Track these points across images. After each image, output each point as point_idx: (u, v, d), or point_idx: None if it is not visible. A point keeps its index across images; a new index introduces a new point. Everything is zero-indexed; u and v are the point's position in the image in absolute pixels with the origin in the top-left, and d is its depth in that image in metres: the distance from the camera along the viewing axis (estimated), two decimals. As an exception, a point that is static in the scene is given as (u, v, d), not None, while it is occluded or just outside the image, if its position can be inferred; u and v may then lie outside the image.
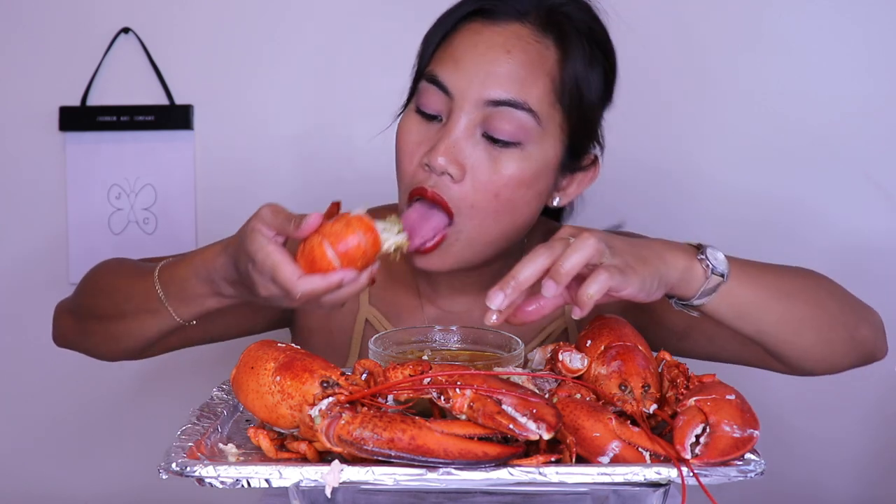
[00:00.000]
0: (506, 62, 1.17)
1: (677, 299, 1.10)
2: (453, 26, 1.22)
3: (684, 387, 0.99)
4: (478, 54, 1.18)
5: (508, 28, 1.19)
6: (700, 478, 0.86)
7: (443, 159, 1.15)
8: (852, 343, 1.21)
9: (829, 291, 1.22)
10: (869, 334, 1.24)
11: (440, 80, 1.18)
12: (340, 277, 1.02)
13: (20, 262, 1.97)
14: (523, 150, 1.17)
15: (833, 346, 1.19)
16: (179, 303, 1.17)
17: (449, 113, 1.18)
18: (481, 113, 1.16)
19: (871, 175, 1.88)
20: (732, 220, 1.89)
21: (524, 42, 1.18)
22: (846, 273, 1.87)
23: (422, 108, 1.20)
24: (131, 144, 1.94)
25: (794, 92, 1.88)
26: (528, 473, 0.84)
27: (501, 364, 1.07)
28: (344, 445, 0.85)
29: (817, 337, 1.17)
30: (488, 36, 1.19)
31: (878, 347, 1.26)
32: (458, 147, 1.16)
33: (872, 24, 1.87)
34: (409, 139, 1.20)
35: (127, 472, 1.97)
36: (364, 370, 0.95)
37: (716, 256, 1.08)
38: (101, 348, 1.32)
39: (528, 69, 1.17)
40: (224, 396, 1.09)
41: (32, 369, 1.97)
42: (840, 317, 1.20)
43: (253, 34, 1.93)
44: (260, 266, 1.03)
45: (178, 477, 0.87)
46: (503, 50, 1.17)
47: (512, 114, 1.16)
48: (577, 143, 1.23)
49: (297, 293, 1.02)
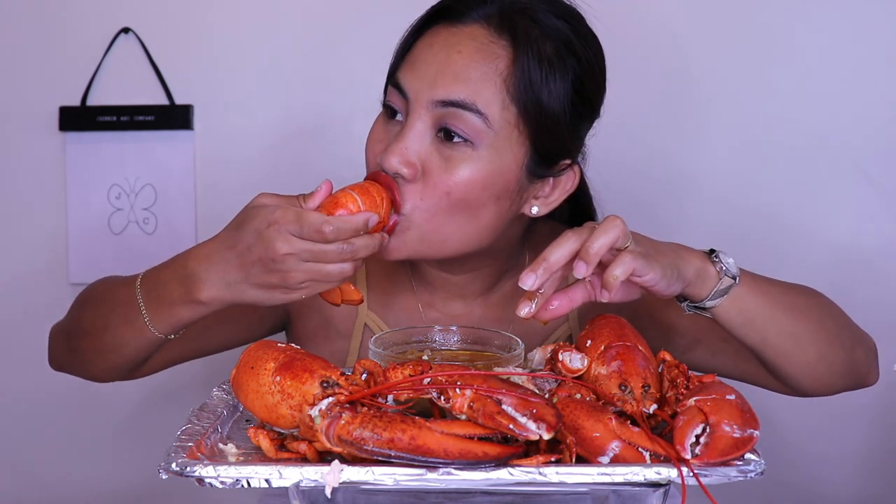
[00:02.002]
0: (456, 62, 1.15)
1: (689, 302, 1.11)
2: (419, 30, 1.22)
3: (684, 387, 0.99)
4: (431, 55, 1.17)
5: (466, 29, 1.18)
6: (700, 478, 0.86)
7: (395, 160, 1.15)
8: (849, 364, 1.21)
9: (830, 311, 1.23)
10: (863, 358, 1.24)
11: (399, 81, 1.19)
12: (366, 217, 1.07)
13: (20, 262, 1.97)
14: (475, 151, 1.15)
15: (832, 366, 1.19)
16: (155, 311, 1.15)
17: (406, 114, 1.18)
18: (433, 114, 1.16)
19: (870, 177, 1.88)
20: (731, 221, 1.89)
21: (478, 42, 1.16)
22: (845, 275, 1.89)
23: (387, 105, 1.22)
24: (131, 144, 1.93)
25: (791, 94, 1.88)
26: (528, 473, 0.85)
27: (501, 364, 1.07)
28: (344, 445, 0.85)
29: (818, 353, 1.17)
30: (444, 37, 1.18)
31: (871, 373, 1.27)
32: (411, 148, 1.16)
33: (871, 25, 1.87)
34: (373, 137, 1.23)
35: (127, 472, 1.97)
36: (364, 370, 0.95)
37: (727, 260, 1.10)
38: (89, 367, 1.29)
39: (477, 69, 1.15)
40: (224, 396, 1.10)
41: (32, 369, 1.96)
42: (839, 337, 1.20)
43: (253, 34, 1.93)
44: (281, 219, 1.05)
45: (178, 477, 0.87)
46: (454, 50, 1.16)
47: (461, 115, 1.14)
48: (543, 149, 1.19)
49: (329, 227, 1.04)
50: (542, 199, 1.23)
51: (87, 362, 1.29)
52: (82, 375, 1.32)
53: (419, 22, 1.23)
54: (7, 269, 1.97)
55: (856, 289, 1.88)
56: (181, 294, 1.12)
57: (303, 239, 1.05)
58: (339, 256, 1.06)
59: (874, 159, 1.88)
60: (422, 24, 1.22)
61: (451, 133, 1.15)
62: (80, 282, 1.95)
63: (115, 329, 1.20)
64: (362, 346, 1.35)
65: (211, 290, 1.10)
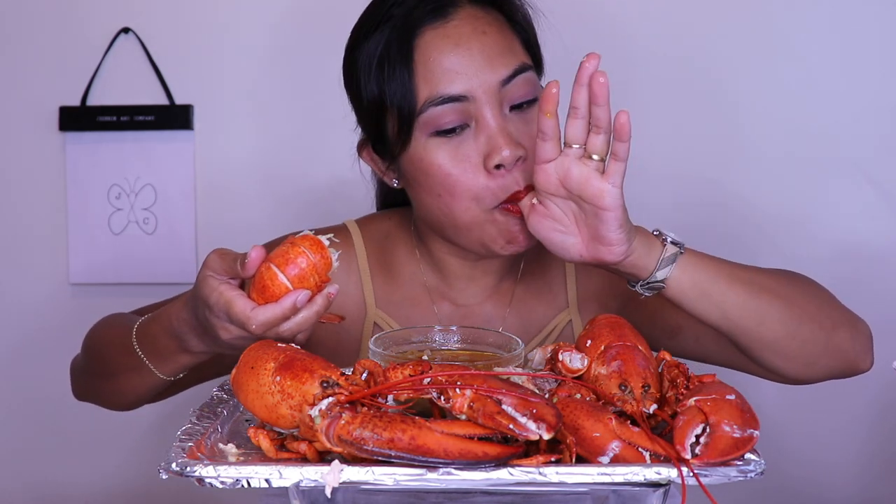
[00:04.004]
0: (490, 42, 1.20)
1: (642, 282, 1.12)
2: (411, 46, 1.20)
3: (684, 387, 0.99)
4: (464, 49, 1.19)
5: (460, 16, 1.21)
6: (700, 478, 0.86)
7: (508, 150, 1.17)
8: (827, 345, 1.19)
9: (806, 291, 1.22)
10: (847, 340, 1.21)
11: (449, 93, 1.17)
12: (293, 300, 1.03)
13: (20, 261, 1.97)
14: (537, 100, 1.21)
15: (805, 345, 1.18)
16: (157, 360, 1.19)
17: (475, 114, 1.18)
18: (499, 95, 1.19)
19: (870, 176, 1.88)
20: (731, 222, 1.89)
21: (483, 20, 1.22)
22: (845, 275, 1.89)
23: (442, 129, 1.18)
24: (131, 144, 1.94)
25: (792, 94, 1.88)
26: (528, 473, 0.84)
27: (501, 364, 1.07)
28: (344, 445, 0.85)
29: (786, 331, 1.16)
30: (455, 32, 1.20)
31: (861, 358, 1.24)
32: (506, 131, 1.18)
33: (872, 25, 1.87)
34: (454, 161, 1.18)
35: (127, 472, 1.97)
36: (364, 370, 0.95)
37: (669, 233, 1.12)
38: (110, 403, 1.35)
39: (503, 39, 1.22)
40: (224, 396, 1.10)
41: (32, 369, 1.97)
42: (816, 316, 1.19)
43: (253, 34, 1.93)
44: (215, 308, 1.04)
45: (178, 477, 0.87)
46: (478, 33, 1.20)
47: (522, 78, 1.20)
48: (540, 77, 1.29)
49: (253, 325, 1.02)
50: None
51: (106, 401, 1.35)
52: (106, 405, 1.37)
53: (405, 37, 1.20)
54: (7, 268, 1.97)
55: (856, 288, 1.88)
56: (175, 346, 1.16)
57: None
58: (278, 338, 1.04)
59: (874, 159, 1.88)
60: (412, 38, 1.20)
61: (521, 103, 1.20)
62: (80, 282, 1.95)
63: (124, 375, 1.24)
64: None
65: (198, 346, 1.14)
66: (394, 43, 1.20)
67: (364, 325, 1.36)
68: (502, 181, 1.18)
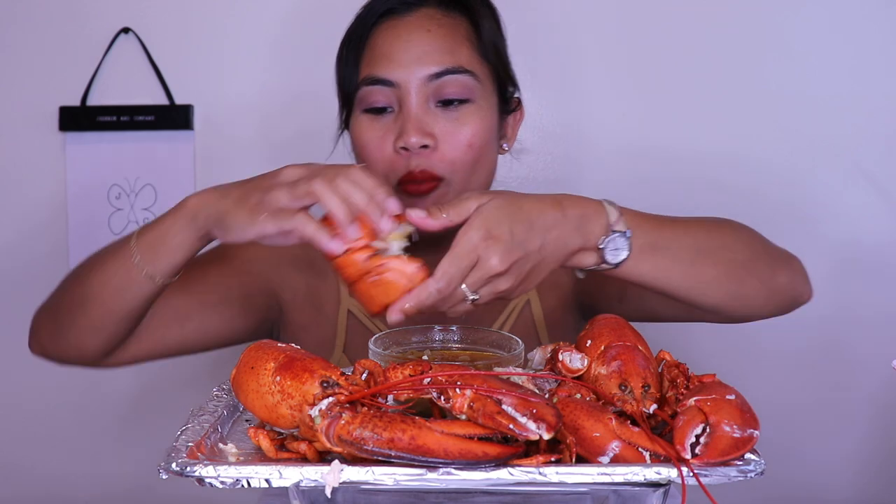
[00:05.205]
0: (430, 39, 1.31)
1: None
2: (367, 35, 1.34)
3: (684, 387, 0.99)
4: (403, 42, 1.31)
5: (418, 14, 1.33)
6: (700, 478, 0.86)
7: (415, 137, 1.27)
8: (768, 293, 1.24)
9: (744, 243, 1.24)
10: (786, 281, 1.26)
11: (380, 76, 1.30)
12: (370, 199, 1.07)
13: (20, 261, 1.97)
14: (475, 104, 1.32)
15: (747, 300, 1.22)
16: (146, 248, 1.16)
17: (399, 100, 1.30)
18: (427, 89, 1.29)
19: (870, 176, 1.88)
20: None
21: (437, 21, 1.33)
22: (845, 275, 1.89)
23: (371, 107, 1.32)
24: (131, 144, 1.94)
25: (792, 94, 1.88)
26: (528, 473, 0.85)
27: (501, 364, 1.07)
28: (344, 445, 0.85)
29: (728, 294, 1.20)
30: (404, 26, 1.32)
31: (800, 292, 1.29)
32: (423, 121, 1.29)
33: (872, 25, 1.87)
34: (370, 135, 1.32)
35: (127, 472, 1.97)
36: (364, 370, 0.95)
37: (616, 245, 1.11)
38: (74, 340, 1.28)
39: (450, 40, 1.32)
40: (224, 396, 1.10)
41: (32, 369, 1.96)
42: (754, 269, 1.22)
43: (254, 34, 1.93)
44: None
45: (178, 477, 0.87)
46: (423, 30, 1.31)
47: (455, 79, 1.30)
48: (504, 91, 1.38)
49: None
50: (506, 136, 1.41)
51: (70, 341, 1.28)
52: (65, 356, 1.31)
53: (362, 30, 1.35)
54: (7, 268, 1.97)
55: (855, 287, 1.88)
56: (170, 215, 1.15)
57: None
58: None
59: (874, 159, 1.88)
60: (370, 26, 1.34)
61: (451, 100, 1.30)
62: (80, 282, 1.95)
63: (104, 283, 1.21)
64: (347, 331, 1.42)
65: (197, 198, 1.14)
66: (356, 32, 1.36)
67: (339, 313, 1.43)
68: (404, 161, 1.29)
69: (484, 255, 1.02)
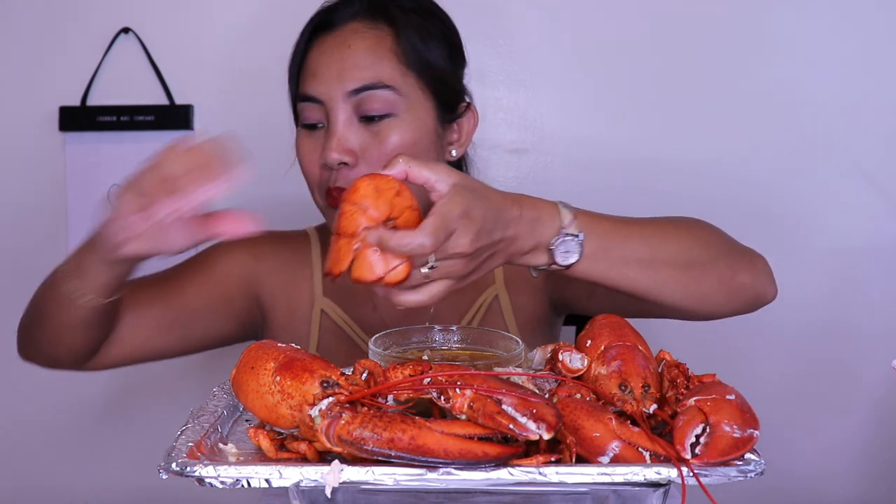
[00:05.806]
0: (350, 55, 1.32)
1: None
2: (303, 51, 1.37)
3: (684, 387, 0.99)
4: (326, 59, 1.33)
5: (345, 29, 1.35)
6: (700, 478, 0.86)
7: (334, 154, 1.30)
8: (729, 292, 1.24)
9: (702, 244, 1.24)
10: (748, 281, 1.26)
11: (308, 93, 1.34)
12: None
13: (20, 262, 1.97)
14: (396, 118, 1.32)
15: (706, 299, 1.22)
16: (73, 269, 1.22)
17: (326, 117, 1.33)
18: (349, 104, 1.31)
19: (870, 175, 1.88)
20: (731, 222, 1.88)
21: (360, 35, 1.34)
22: (845, 275, 1.89)
23: (305, 122, 1.36)
24: (131, 144, 1.94)
25: (792, 93, 1.88)
26: (528, 473, 0.84)
27: (501, 364, 1.07)
28: (344, 445, 0.85)
29: (684, 293, 1.19)
30: (330, 42, 1.34)
31: (764, 291, 1.28)
32: (344, 138, 1.31)
33: (872, 24, 1.87)
34: (304, 150, 1.36)
35: (127, 472, 1.97)
36: (364, 370, 0.95)
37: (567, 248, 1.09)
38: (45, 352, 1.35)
39: (371, 55, 1.32)
40: (224, 396, 1.10)
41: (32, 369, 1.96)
42: (714, 270, 1.22)
43: (253, 34, 1.93)
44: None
45: (178, 477, 0.87)
46: (345, 46, 1.33)
47: (374, 95, 1.31)
48: (444, 98, 1.37)
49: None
50: (455, 143, 1.41)
51: (42, 349, 1.35)
52: (45, 362, 1.38)
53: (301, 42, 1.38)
54: (7, 269, 1.97)
55: (855, 288, 1.88)
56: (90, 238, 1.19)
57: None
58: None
59: (874, 159, 1.89)
60: (305, 43, 1.37)
61: (371, 115, 1.31)
62: (80, 282, 1.95)
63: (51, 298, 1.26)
64: (321, 329, 1.46)
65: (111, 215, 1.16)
66: (297, 47, 1.39)
67: (312, 312, 1.47)
68: (327, 176, 1.33)
69: (457, 232, 0.99)
